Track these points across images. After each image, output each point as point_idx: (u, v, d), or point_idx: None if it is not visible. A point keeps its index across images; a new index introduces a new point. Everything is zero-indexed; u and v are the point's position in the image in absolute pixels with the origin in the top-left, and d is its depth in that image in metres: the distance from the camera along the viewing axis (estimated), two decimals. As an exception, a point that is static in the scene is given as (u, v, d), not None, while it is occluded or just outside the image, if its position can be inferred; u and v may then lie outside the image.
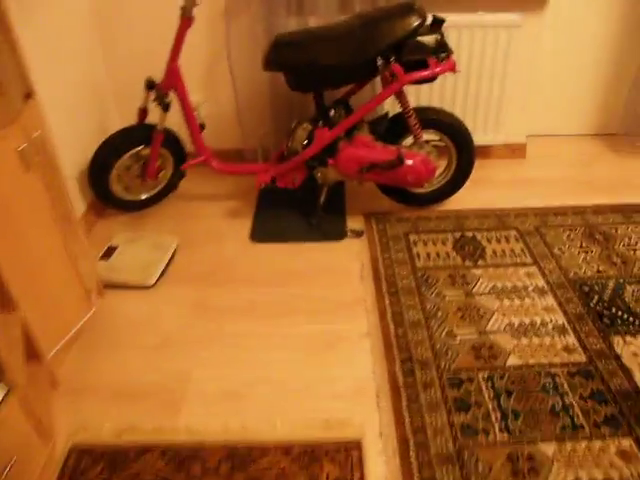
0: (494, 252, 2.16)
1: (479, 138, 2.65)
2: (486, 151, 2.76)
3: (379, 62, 2.00)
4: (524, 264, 2.09)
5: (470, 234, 2.26)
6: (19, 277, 1.46)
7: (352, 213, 2.40)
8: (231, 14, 2.42)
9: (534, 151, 2.85)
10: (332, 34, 2.02)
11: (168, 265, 2.15)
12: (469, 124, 2.61)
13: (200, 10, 2.41)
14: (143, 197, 2.44)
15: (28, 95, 1.60)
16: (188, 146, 2.41)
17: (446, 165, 2.36)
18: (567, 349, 1.74)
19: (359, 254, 2.18)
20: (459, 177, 2.33)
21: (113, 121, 2.66)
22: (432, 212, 2.40)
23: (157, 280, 2.07)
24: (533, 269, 2.07)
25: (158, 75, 2.17)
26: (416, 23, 1.96)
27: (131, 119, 2.34)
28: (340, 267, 2.11)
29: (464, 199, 2.47)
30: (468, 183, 2.41)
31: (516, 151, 2.79)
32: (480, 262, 2.11)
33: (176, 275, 2.11)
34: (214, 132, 2.70)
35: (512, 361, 1.71)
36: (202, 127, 2.41)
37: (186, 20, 2.07)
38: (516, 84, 2.60)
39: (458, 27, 2.41)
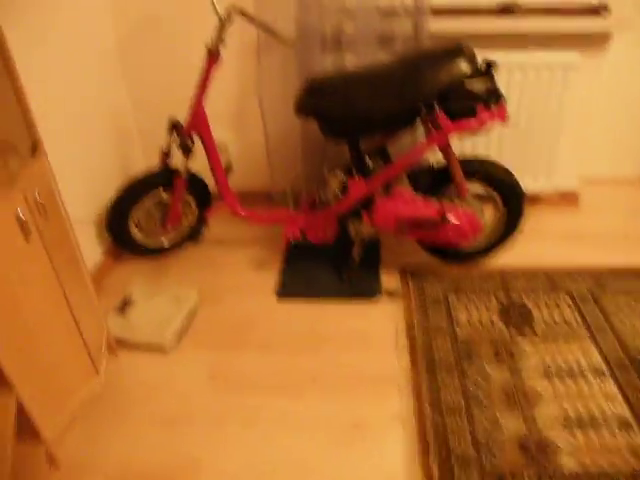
0: (544, 320, 1.94)
1: (527, 184, 2.43)
2: (535, 198, 2.53)
3: (422, 110, 1.81)
4: (578, 337, 1.87)
5: (517, 297, 2.04)
6: (15, 353, 1.31)
7: (387, 266, 2.21)
8: (263, 49, 2.27)
9: (588, 199, 2.61)
10: (370, 78, 1.84)
11: (187, 323, 1.99)
12: (517, 170, 2.40)
13: (230, 43, 2.27)
14: (164, 243, 2.30)
15: (34, 148, 1.47)
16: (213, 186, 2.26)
17: (492, 220, 2.14)
18: (633, 451, 1.51)
19: (394, 317, 1.98)
20: (506, 232, 2.12)
21: (137, 161, 2.54)
22: (474, 268, 2.19)
23: (174, 341, 1.91)
24: (588, 344, 1.84)
25: (185, 114, 2.02)
26: (465, 68, 1.77)
27: (156, 160, 2.20)
28: (372, 333, 1.92)
29: (509, 254, 2.25)
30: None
31: (568, 199, 2.55)
32: (528, 332, 1.89)
33: (194, 335, 1.96)
34: (242, 173, 2.55)
35: (565, 461, 1.49)
36: (229, 169, 2.26)
37: (212, 59, 1.92)
38: (569, 127, 2.38)
39: (508, 66, 2.21)
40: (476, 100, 1.81)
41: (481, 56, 1.86)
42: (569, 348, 1.83)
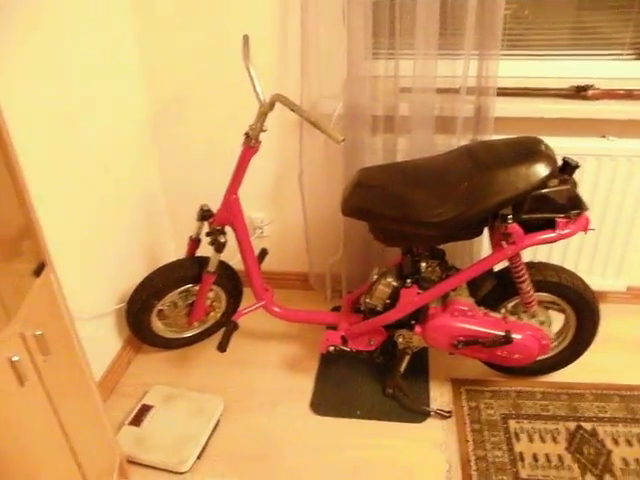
0: (624, 461, 1.66)
1: (595, 282, 2.15)
2: (603, 297, 2.26)
3: (492, 221, 1.57)
4: (667, 487, 1.59)
5: (589, 426, 1.77)
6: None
7: (436, 378, 1.95)
8: (306, 127, 2.05)
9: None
10: (431, 176, 1.61)
11: (210, 437, 1.76)
12: (584, 266, 2.13)
13: (271, 119, 2.05)
14: (187, 335, 2.07)
15: (41, 266, 1.25)
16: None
17: (560, 330, 1.88)
18: None
19: (445, 446, 1.72)
20: (576, 348, 1.85)
21: (166, 247, 2.36)
22: (537, 384, 1.92)
23: (194, 462, 1.68)
24: (680, 498, 1.56)
25: (219, 198, 1.81)
26: (544, 173, 1.52)
27: (186, 246, 1.98)
28: (418, 465, 1.66)
29: (576, 366, 1.97)
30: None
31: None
32: (607, 478, 1.61)
33: (218, 455, 1.72)
34: (277, 254, 2.33)
35: None
36: (264, 253, 2.04)
37: (251, 148, 1.70)
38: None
39: (581, 154, 1.95)
40: (556, 211, 1.56)
41: (552, 144, 1.62)
42: (656, 503, 1.55)
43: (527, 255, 2.09)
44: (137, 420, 1.79)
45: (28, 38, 1.49)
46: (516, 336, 1.68)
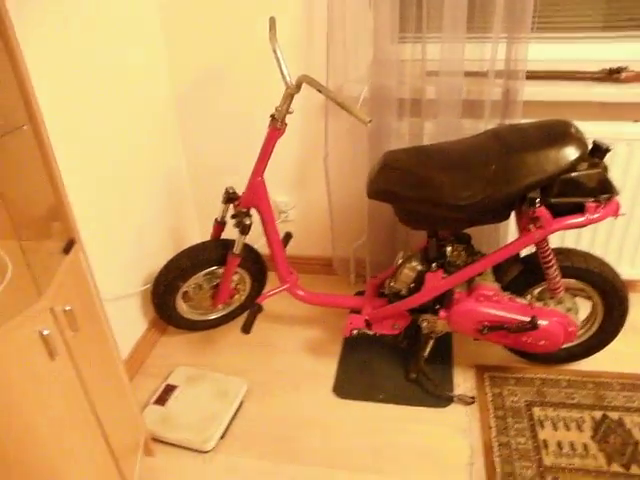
0: (651, 451, 1.63)
1: (624, 270, 2.12)
2: (632, 285, 2.21)
3: (519, 205, 1.55)
4: (695, 478, 1.56)
5: (615, 416, 1.74)
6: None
7: (460, 364, 1.94)
8: (331, 111, 2.04)
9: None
10: (458, 159, 1.59)
11: (233, 418, 1.77)
12: (613, 253, 2.10)
13: (296, 103, 2.04)
14: (211, 317, 2.09)
15: (70, 244, 1.27)
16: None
17: (587, 318, 1.85)
18: None
19: (467, 432, 1.71)
20: (603, 337, 1.83)
21: (191, 229, 2.38)
22: (562, 372, 1.90)
23: (218, 441, 1.70)
24: None
25: (244, 181, 1.81)
26: (574, 156, 1.49)
27: (210, 229, 1.99)
28: (441, 450, 1.66)
29: (603, 355, 1.94)
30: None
31: (670, 286, 2.23)
32: (634, 468, 1.59)
33: (241, 436, 1.74)
34: (302, 238, 2.33)
35: None
36: (289, 237, 2.05)
37: (277, 131, 1.70)
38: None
39: (611, 139, 1.91)
40: (585, 194, 1.53)
41: (582, 128, 1.58)
42: (684, 493, 1.52)
43: (555, 241, 2.06)
44: (162, 399, 1.81)
45: (63, 26, 1.51)
46: (542, 322, 1.66)
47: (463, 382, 1.88)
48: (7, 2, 1.01)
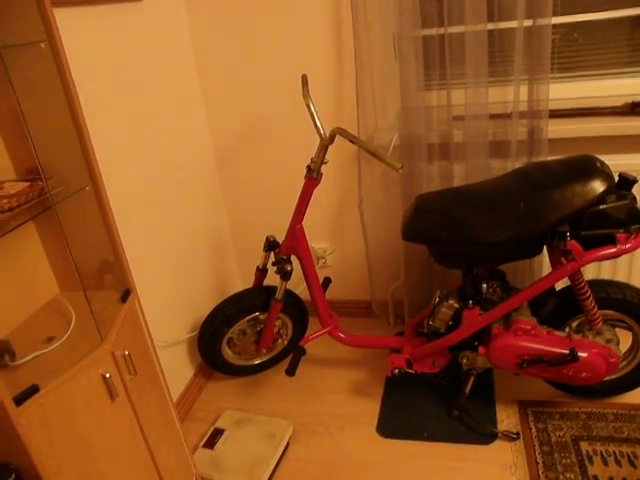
0: None
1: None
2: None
3: (550, 239, 1.59)
4: None
5: (667, 448, 1.72)
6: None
7: (503, 400, 1.94)
8: (363, 157, 2.14)
9: None
10: (488, 198, 1.65)
11: (280, 460, 1.81)
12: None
13: (330, 152, 2.15)
14: (255, 362, 2.16)
15: (126, 294, 1.37)
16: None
17: (629, 349, 1.85)
18: None
19: (514, 468, 1.71)
20: (647, 368, 1.82)
21: (233, 278, 2.47)
22: (608, 405, 1.88)
23: (266, 484, 1.74)
24: None
25: (283, 229, 1.91)
26: (600, 189, 1.54)
27: (252, 277, 2.08)
28: (491, 488, 1.66)
29: (650, 386, 1.92)
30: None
31: None
32: (688, 502, 1.56)
33: (288, 478, 1.77)
34: (340, 283, 2.41)
35: None
36: (328, 281, 2.12)
37: (313, 181, 1.80)
38: None
39: (638, 171, 1.95)
40: (615, 226, 1.56)
41: (607, 162, 1.63)
42: None
43: (591, 273, 2.07)
44: (210, 443, 1.87)
45: (115, 92, 1.67)
46: (582, 354, 1.67)
47: (506, 418, 1.88)
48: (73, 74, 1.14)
